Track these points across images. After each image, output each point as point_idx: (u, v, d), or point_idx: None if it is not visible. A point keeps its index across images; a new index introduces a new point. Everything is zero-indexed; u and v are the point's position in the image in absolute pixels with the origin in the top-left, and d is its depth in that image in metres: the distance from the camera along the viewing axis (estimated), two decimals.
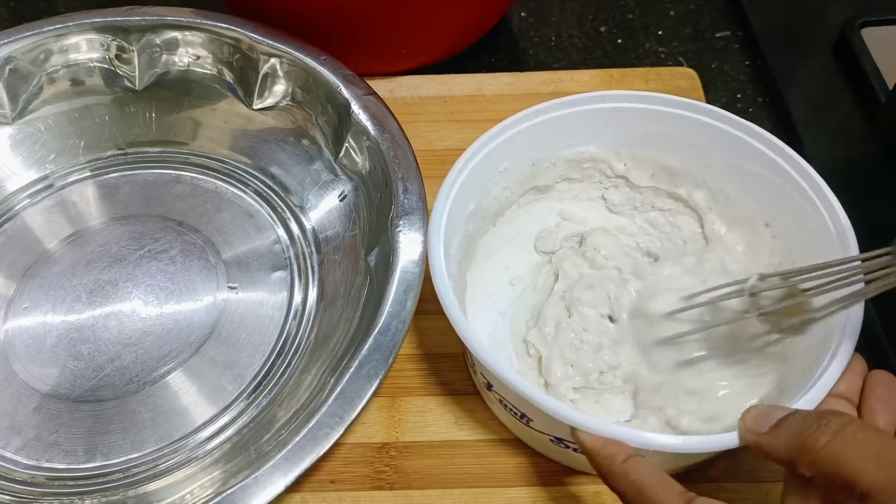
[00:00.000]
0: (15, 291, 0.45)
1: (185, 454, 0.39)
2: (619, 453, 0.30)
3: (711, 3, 0.63)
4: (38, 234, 0.48)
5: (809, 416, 0.27)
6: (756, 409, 0.30)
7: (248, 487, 0.32)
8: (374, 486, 0.39)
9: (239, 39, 0.49)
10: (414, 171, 0.42)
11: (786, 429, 0.28)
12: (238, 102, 0.50)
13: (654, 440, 0.30)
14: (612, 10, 0.63)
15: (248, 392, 0.41)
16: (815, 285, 0.32)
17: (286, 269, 0.46)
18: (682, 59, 0.59)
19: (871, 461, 0.25)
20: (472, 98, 0.54)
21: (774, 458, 0.28)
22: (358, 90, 0.46)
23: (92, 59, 0.50)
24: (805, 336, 0.34)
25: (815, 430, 0.26)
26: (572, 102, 0.41)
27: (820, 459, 0.26)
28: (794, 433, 0.27)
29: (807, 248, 0.37)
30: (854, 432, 0.26)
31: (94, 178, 0.50)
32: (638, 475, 0.29)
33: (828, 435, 0.26)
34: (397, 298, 0.37)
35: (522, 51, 0.60)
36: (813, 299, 0.33)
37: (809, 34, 0.58)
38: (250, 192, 0.49)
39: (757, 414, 0.29)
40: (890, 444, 0.25)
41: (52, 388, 0.41)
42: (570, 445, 0.35)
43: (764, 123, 0.54)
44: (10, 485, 0.38)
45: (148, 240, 0.47)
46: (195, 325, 0.43)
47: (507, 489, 0.38)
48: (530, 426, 0.35)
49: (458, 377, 0.42)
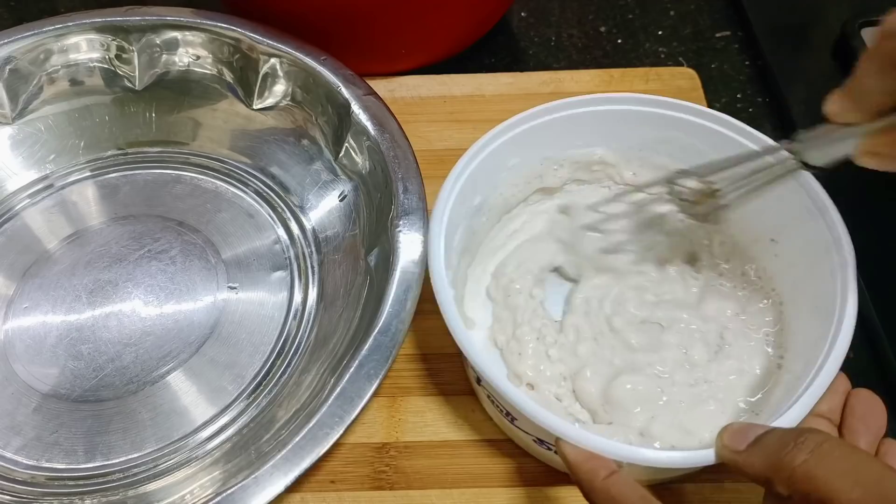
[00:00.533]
0: (15, 291, 0.45)
1: (185, 454, 0.39)
2: (602, 468, 0.29)
3: (711, 3, 0.63)
4: (38, 234, 0.48)
5: (787, 434, 0.27)
6: (733, 427, 0.29)
7: (248, 487, 0.32)
8: (373, 486, 0.39)
9: (239, 39, 0.49)
10: (414, 171, 0.42)
11: (763, 447, 0.27)
12: (238, 102, 0.50)
13: (635, 453, 0.30)
14: (612, 10, 0.63)
15: (248, 392, 0.41)
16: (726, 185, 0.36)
17: (286, 269, 0.46)
18: (682, 59, 0.59)
19: (848, 480, 0.24)
20: (472, 98, 0.54)
21: (751, 475, 0.28)
22: (358, 90, 0.46)
23: (92, 59, 0.50)
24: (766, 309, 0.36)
25: (791, 447, 0.26)
26: (583, 102, 0.41)
27: (796, 477, 0.25)
28: (771, 451, 0.27)
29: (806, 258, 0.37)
30: (831, 450, 0.25)
31: (94, 178, 0.50)
32: (619, 492, 0.28)
33: (805, 453, 0.25)
34: (397, 298, 0.37)
35: (522, 51, 0.60)
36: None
37: (809, 34, 0.58)
38: (250, 192, 0.49)
39: (734, 431, 0.29)
40: (867, 462, 0.25)
41: (52, 388, 0.41)
42: (551, 447, 0.35)
43: (764, 123, 0.54)
44: (10, 485, 0.38)
45: (148, 240, 0.47)
46: (195, 325, 0.43)
47: (508, 489, 0.38)
48: (515, 425, 0.36)
49: (458, 377, 0.42)
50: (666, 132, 0.41)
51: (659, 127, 0.41)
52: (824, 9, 0.59)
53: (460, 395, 0.41)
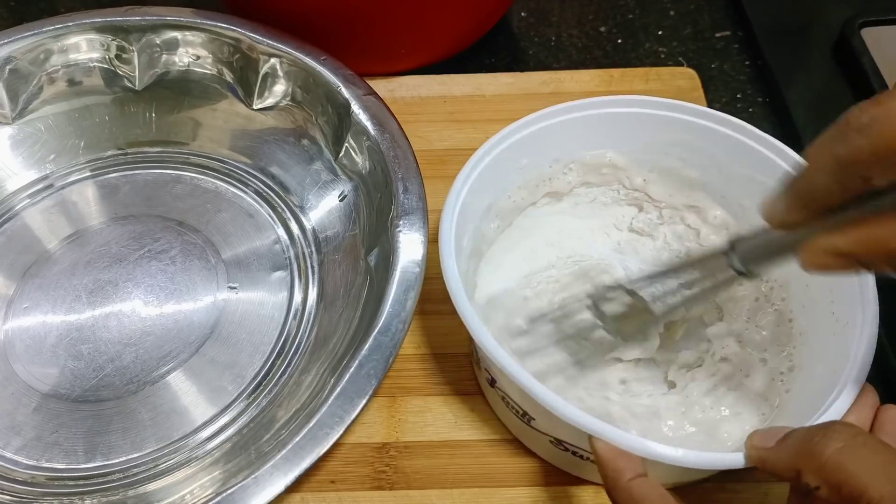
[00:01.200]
0: (15, 291, 0.45)
1: (185, 454, 0.39)
2: (628, 469, 0.29)
3: (711, 3, 0.63)
4: (38, 234, 0.48)
5: (816, 427, 0.27)
6: (761, 430, 0.30)
7: (248, 487, 0.32)
8: (374, 486, 0.39)
9: (239, 39, 0.49)
10: (414, 171, 0.42)
11: (793, 439, 0.28)
12: (238, 102, 0.50)
13: (666, 453, 0.30)
14: (612, 10, 0.63)
15: (248, 392, 0.41)
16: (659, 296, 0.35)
17: (286, 269, 0.46)
18: (682, 59, 0.59)
19: (880, 474, 0.24)
20: (472, 98, 0.54)
21: (780, 469, 0.28)
22: (358, 90, 0.46)
23: (92, 59, 0.50)
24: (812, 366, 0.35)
25: (822, 436, 0.26)
26: (593, 105, 0.41)
27: (828, 467, 0.25)
28: (801, 442, 0.27)
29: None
30: (864, 443, 0.25)
31: (94, 178, 0.50)
32: (640, 493, 0.29)
33: (837, 443, 0.25)
34: (397, 298, 0.37)
35: (522, 51, 0.60)
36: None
37: (809, 34, 0.58)
38: (250, 192, 0.49)
39: (762, 432, 0.29)
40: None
41: (52, 388, 0.41)
42: (569, 448, 0.35)
43: (764, 123, 0.54)
44: (10, 485, 0.38)
45: (148, 240, 0.47)
46: (195, 325, 0.43)
47: (507, 489, 0.38)
48: (531, 425, 0.35)
49: (459, 377, 0.42)
50: (676, 135, 0.41)
51: (669, 130, 0.41)
52: (824, 9, 0.59)
53: (461, 395, 0.41)
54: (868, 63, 0.52)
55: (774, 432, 0.29)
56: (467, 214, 0.38)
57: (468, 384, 0.41)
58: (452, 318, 0.40)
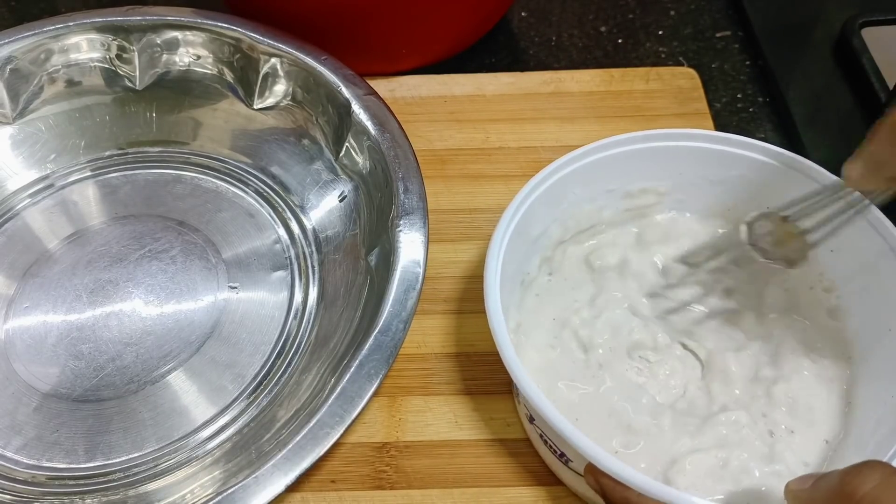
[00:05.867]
0: (15, 291, 0.45)
1: (186, 454, 0.39)
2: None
3: (711, 3, 0.63)
4: (39, 234, 0.48)
5: (854, 467, 0.27)
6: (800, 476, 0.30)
7: (248, 487, 0.32)
8: (374, 486, 0.39)
9: (239, 39, 0.49)
10: (414, 170, 0.42)
11: (829, 479, 0.28)
12: (238, 102, 0.50)
13: None
14: (612, 10, 0.63)
15: (248, 392, 0.41)
16: (813, 222, 0.35)
17: (286, 269, 0.46)
18: (682, 59, 0.59)
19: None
20: (472, 98, 0.54)
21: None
22: (358, 90, 0.46)
23: (92, 58, 0.50)
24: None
25: (858, 475, 0.26)
26: (650, 137, 0.40)
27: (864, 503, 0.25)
28: (835, 483, 0.27)
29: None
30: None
31: (94, 177, 0.50)
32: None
33: (872, 482, 0.25)
34: (398, 298, 0.37)
35: (523, 51, 0.60)
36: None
37: (809, 34, 0.58)
38: (251, 191, 0.49)
39: (801, 477, 0.29)
40: None
41: (53, 388, 0.41)
42: None
43: (764, 123, 0.54)
44: (10, 484, 0.38)
45: (148, 239, 0.47)
46: (196, 325, 0.43)
47: (507, 489, 0.38)
48: (569, 466, 0.35)
49: (459, 377, 0.42)
50: (733, 171, 0.40)
51: (726, 166, 0.40)
52: (824, 9, 0.59)
53: (461, 395, 0.41)
54: (868, 63, 0.52)
55: (809, 476, 0.29)
56: (516, 244, 0.37)
57: (469, 384, 0.41)
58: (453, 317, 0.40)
